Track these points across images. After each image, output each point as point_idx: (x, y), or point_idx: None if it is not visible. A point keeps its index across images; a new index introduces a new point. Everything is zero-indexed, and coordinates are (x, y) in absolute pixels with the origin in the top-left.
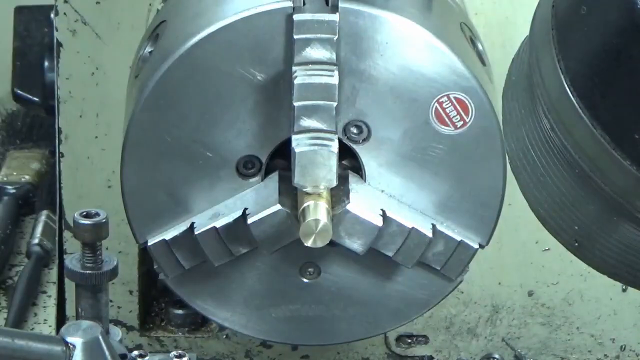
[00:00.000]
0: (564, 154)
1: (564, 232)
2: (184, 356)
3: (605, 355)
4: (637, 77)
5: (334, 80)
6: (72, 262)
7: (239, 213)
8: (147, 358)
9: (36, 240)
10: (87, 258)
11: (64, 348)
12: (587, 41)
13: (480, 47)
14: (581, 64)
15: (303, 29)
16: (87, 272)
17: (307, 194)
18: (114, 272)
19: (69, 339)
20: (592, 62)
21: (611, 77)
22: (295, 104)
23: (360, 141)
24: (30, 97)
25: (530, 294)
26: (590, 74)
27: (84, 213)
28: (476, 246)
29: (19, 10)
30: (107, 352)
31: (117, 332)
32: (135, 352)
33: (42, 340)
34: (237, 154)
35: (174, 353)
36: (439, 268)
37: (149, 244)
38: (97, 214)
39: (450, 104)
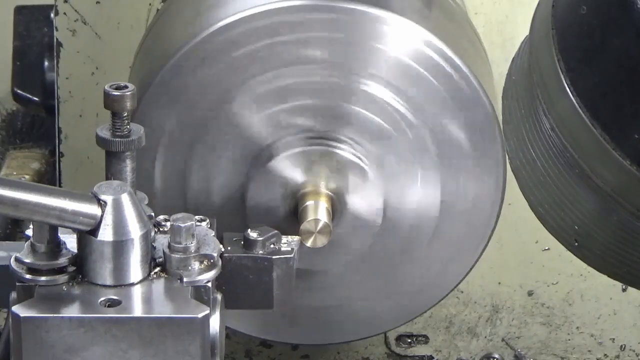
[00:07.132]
0: (564, 154)
1: (564, 232)
2: (204, 220)
3: (605, 355)
4: (637, 77)
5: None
6: (102, 131)
7: None
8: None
9: None
10: (115, 126)
11: (98, 205)
12: (587, 41)
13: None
14: (581, 64)
15: None
16: (116, 139)
17: (307, 193)
18: (140, 140)
19: (101, 196)
20: (592, 62)
21: (611, 77)
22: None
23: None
24: (30, 97)
25: (530, 293)
26: (590, 74)
27: (114, 85)
28: None
29: (19, 10)
30: (136, 208)
31: (143, 197)
32: (161, 216)
33: (76, 198)
34: None
35: (197, 217)
36: None
37: None
38: (126, 86)
39: None
